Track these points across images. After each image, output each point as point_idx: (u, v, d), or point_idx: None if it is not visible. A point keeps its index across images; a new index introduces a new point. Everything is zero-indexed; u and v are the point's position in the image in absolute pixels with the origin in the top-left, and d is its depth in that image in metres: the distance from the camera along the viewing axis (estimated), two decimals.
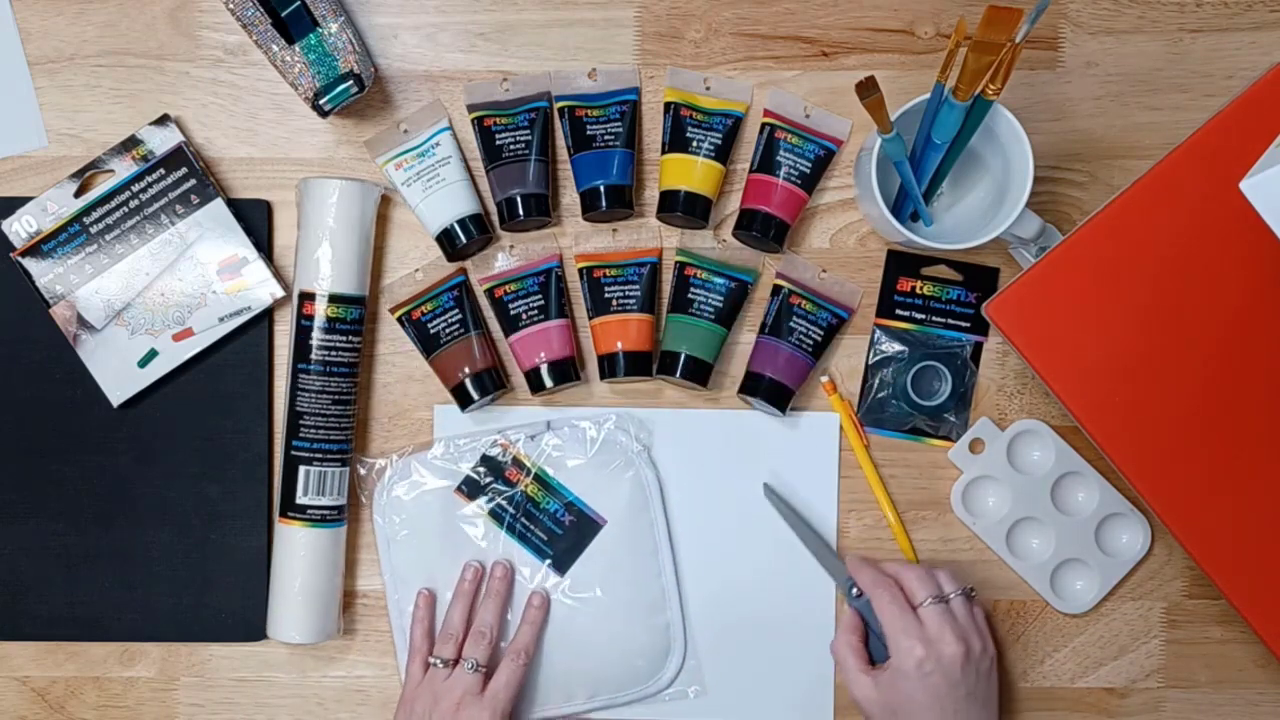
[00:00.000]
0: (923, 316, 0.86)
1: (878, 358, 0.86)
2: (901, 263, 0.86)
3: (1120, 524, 0.86)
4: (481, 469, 0.85)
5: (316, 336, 0.81)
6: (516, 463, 0.84)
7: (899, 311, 0.86)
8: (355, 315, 0.82)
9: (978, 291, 0.86)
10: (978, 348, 0.87)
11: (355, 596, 0.87)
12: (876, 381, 0.86)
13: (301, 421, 0.81)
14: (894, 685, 0.77)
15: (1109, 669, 0.87)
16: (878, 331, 0.86)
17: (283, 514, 0.82)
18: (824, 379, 0.86)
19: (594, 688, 0.84)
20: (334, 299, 0.81)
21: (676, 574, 0.86)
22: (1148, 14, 0.86)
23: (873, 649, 0.84)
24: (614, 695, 0.85)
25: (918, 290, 0.86)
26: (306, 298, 0.81)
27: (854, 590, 0.84)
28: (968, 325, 0.86)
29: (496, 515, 0.85)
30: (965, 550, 0.87)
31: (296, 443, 0.81)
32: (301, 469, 0.81)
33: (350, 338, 0.82)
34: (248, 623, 0.85)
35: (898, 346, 0.86)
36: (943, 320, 0.86)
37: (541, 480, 0.84)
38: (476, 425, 0.86)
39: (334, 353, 0.81)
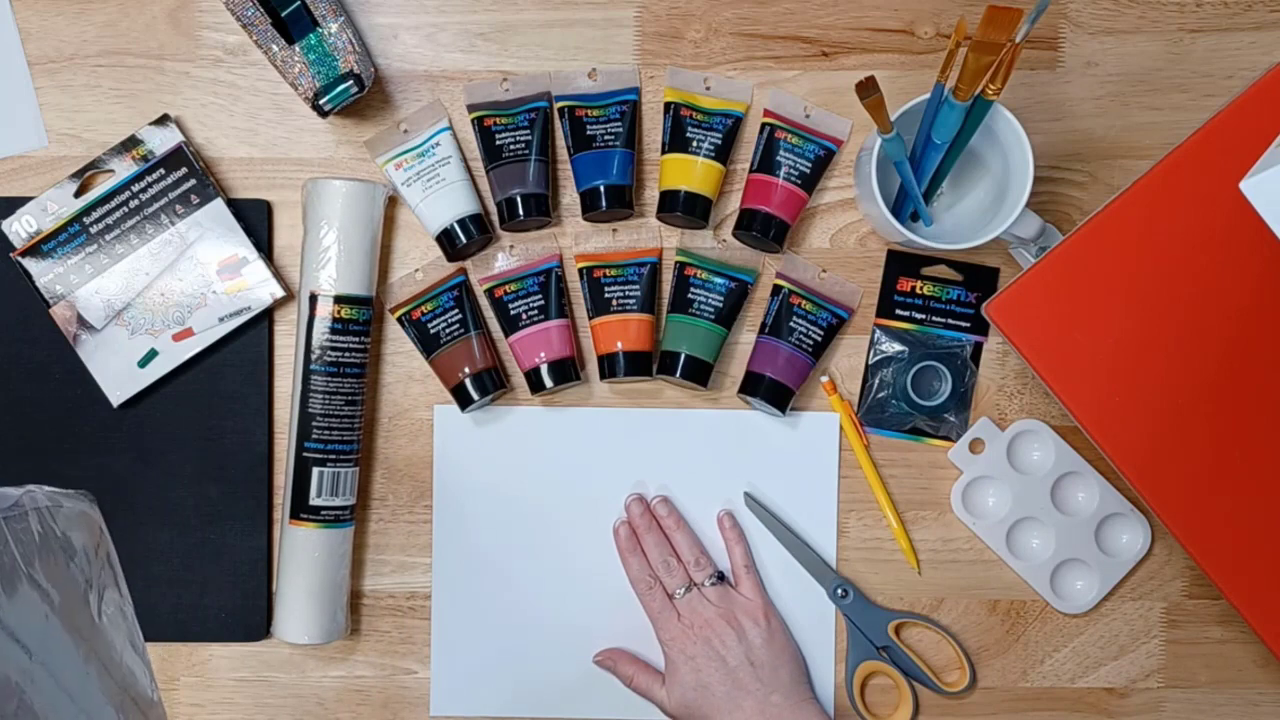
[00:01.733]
0: (923, 316, 0.86)
1: (878, 358, 0.86)
2: (901, 263, 0.86)
3: (1120, 524, 0.86)
4: None
5: (328, 338, 0.81)
6: None
7: (899, 311, 0.86)
8: (365, 316, 0.82)
9: (978, 291, 0.86)
10: (978, 348, 0.87)
11: (359, 598, 0.87)
12: (876, 381, 0.86)
13: (314, 423, 0.81)
14: (675, 680, 0.82)
15: (1109, 669, 0.87)
16: (878, 331, 0.86)
17: (294, 516, 0.81)
18: (824, 379, 0.86)
19: None
20: (345, 300, 0.81)
21: None
22: (1148, 14, 0.86)
23: (851, 647, 0.85)
24: None
25: (918, 290, 0.86)
26: (316, 299, 0.81)
27: (839, 592, 0.85)
28: (968, 325, 0.86)
29: None
30: (965, 550, 0.87)
31: (309, 444, 0.81)
32: (315, 470, 0.81)
33: (361, 338, 0.82)
34: (248, 623, 0.85)
35: (898, 346, 0.86)
36: (943, 320, 0.86)
37: None
38: (478, 427, 0.86)
39: (346, 354, 0.81)
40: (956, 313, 0.86)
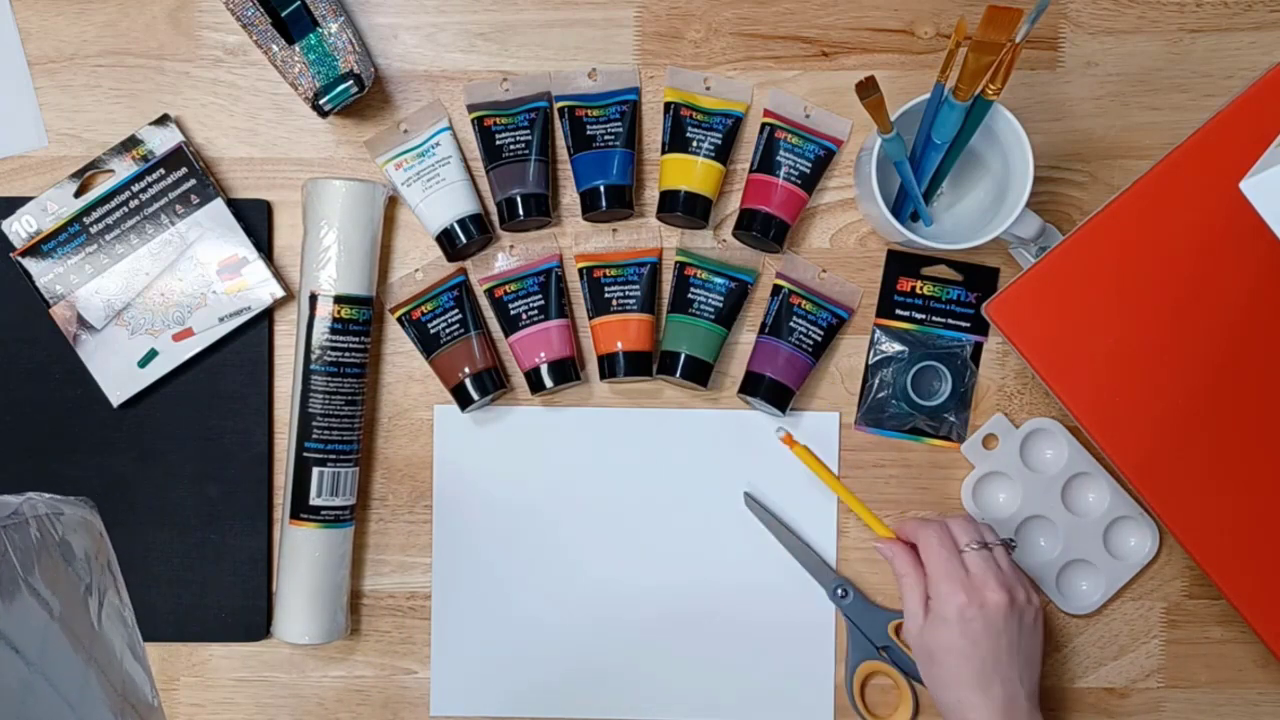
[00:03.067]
0: (923, 316, 0.86)
1: (878, 358, 0.86)
2: (901, 262, 0.86)
3: (1129, 527, 0.86)
4: None
5: (328, 338, 0.81)
6: None
7: (899, 311, 0.86)
8: (365, 316, 0.82)
9: (978, 291, 0.86)
10: (978, 348, 0.87)
11: (360, 598, 0.87)
12: (876, 381, 0.86)
13: (314, 423, 0.81)
14: (935, 630, 0.76)
15: (1109, 669, 0.87)
16: (877, 331, 0.86)
17: (294, 516, 0.81)
18: (780, 433, 0.85)
19: None
20: (345, 300, 0.81)
21: None
22: (1148, 14, 0.86)
23: (851, 647, 0.85)
24: None
25: (918, 290, 0.86)
26: (316, 299, 0.81)
27: (839, 592, 0.85)
28: (968, 325, 0.86)
29: None
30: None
31: (309, 444, 0.81)
32: (315, 470, 0.81)
33: (361, 338, 0.82)
34: (248, 623, 0.85)
35: (898, 346, 0.86)
36: (943, 320, 0.86)
37: None
38: (478, 427, 0.86)
39: (346, 354, 0.81)
40: (956, 313, 0.86)
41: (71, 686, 0.53)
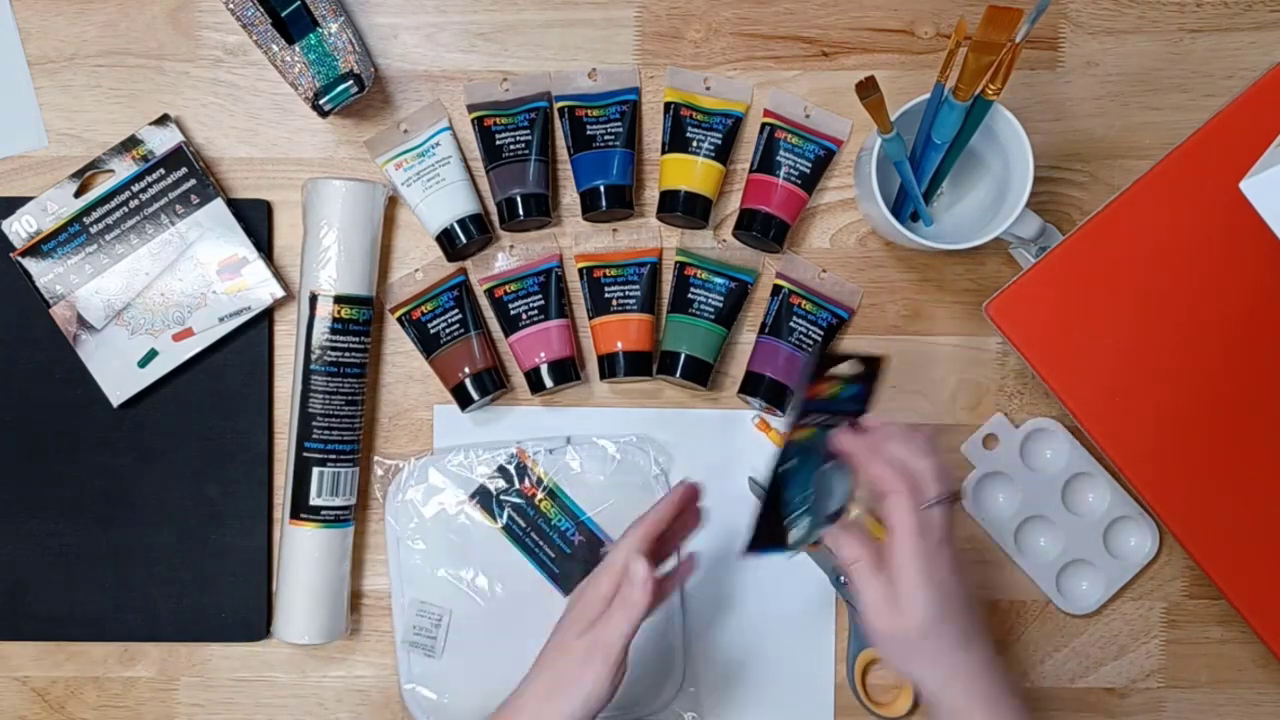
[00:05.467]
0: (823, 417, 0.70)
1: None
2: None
3: (1129, 527, 0.86)
4: (497, 479, 0.84)
5: (328, 338, 0.81)
6: (532, 476, 0.84)
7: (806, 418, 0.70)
8: (365, 316, 0.82)
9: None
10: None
11: (360, 598, 0.86)
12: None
13: (314, 423, 0.81)
14: (915, 604, 0.66)
15: (1109, 669, 0.87)
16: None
17: (294, 516, 0.81)
18: (755, 419, 0.86)
19: None
20: (345, 300, 0.81)
21: (683, 602, 0.85)
22: (1148, 14, 0.86)
23: (853, 635, 0.85)
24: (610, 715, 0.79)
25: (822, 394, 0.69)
26: (316, 299, 0.81)
27: (840, 580, 0.85)
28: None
29: (508, 528, 0.85)
30: (965, 551, 0.87)
31: (309, 444, 0.81)
32: (315, 470, 0.81)
33: (361, 338, 0.82)
34: (248, 623, 0.85)
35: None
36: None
37: (554, 496, 0.84)
38: (478, 427, 0.86)
39: (346, 354, 0.81)
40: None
41: None
